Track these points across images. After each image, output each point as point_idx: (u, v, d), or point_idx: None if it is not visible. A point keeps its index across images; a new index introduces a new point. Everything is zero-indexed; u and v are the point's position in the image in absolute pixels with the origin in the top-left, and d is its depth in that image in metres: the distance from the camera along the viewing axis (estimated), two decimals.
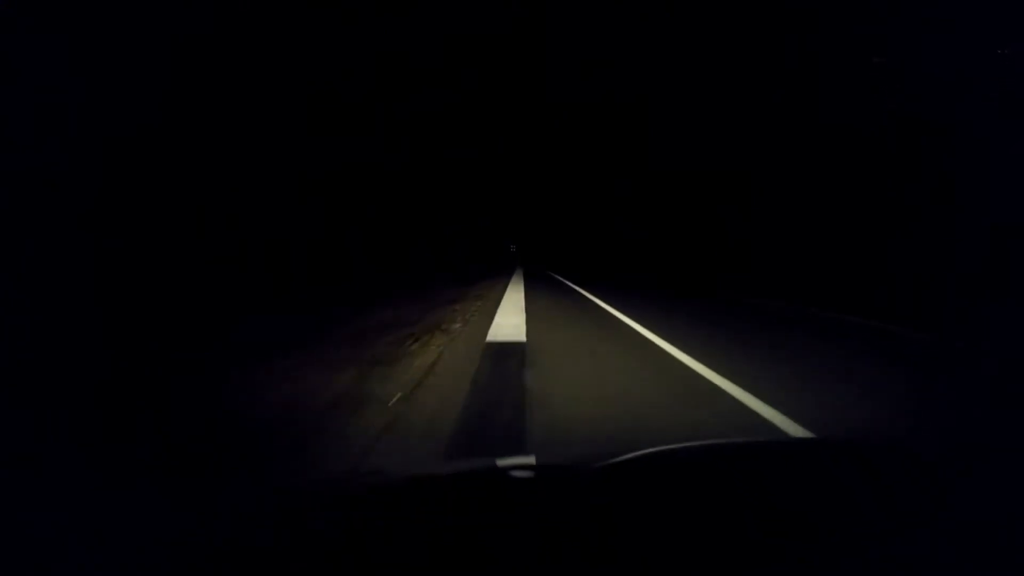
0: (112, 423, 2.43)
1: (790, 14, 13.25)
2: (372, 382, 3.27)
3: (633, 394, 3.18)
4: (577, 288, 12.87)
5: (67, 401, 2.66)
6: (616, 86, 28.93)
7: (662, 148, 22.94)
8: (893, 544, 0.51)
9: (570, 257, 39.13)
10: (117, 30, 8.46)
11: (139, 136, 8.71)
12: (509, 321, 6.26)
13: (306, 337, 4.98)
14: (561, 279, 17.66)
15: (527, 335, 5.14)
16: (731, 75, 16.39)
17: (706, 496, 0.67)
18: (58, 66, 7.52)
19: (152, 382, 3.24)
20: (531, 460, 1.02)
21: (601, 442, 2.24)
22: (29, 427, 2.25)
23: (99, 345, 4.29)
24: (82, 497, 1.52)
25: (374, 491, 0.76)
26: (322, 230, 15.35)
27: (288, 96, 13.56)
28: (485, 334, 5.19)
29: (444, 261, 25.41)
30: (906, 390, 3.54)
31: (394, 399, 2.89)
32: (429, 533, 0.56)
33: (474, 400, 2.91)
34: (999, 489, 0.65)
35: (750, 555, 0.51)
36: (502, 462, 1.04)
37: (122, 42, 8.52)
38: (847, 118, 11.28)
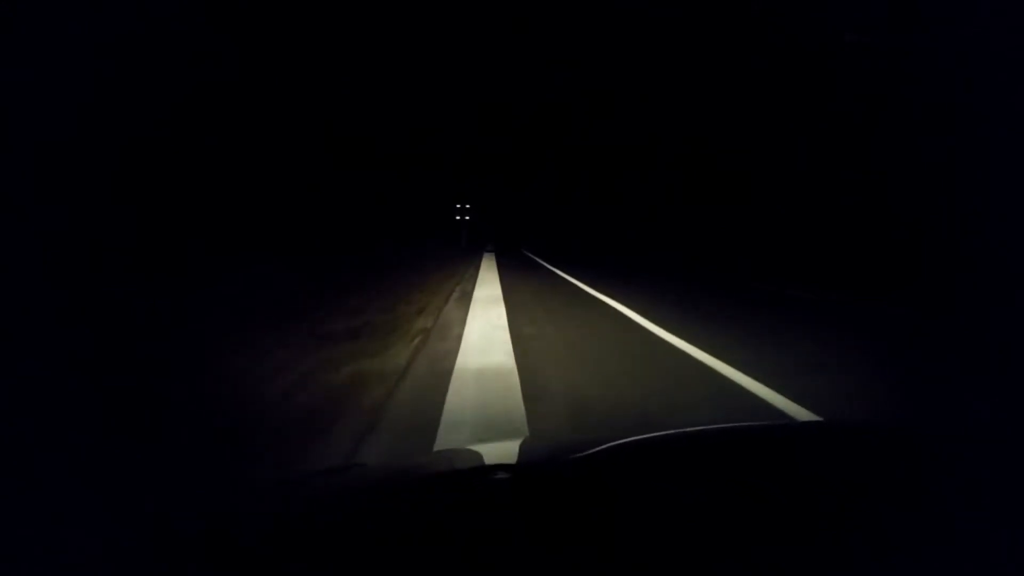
0: None
1: (790, 13, 13.29)
2: None
3: None
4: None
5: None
6: (616, 85, 29.02)
7: (662, 147, 22.98)
8: (896, 539, 0.50)
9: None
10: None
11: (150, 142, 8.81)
12: None
13: None
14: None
15: None
16: (731, 74, 16.43)
17: (702, 486, 0.65)
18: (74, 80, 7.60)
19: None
20: (517, 447, 1.00)
21: None
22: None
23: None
24: (79, 493, 1.53)
25: (361, 485, 0.76)
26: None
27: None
28: None
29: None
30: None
31: None
32: (419, 530, 0.55)
33: None
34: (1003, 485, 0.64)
35: (748, 550, 0.49)
36: (490, 449, 1.02)
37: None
38: (846, 108, 11.36)
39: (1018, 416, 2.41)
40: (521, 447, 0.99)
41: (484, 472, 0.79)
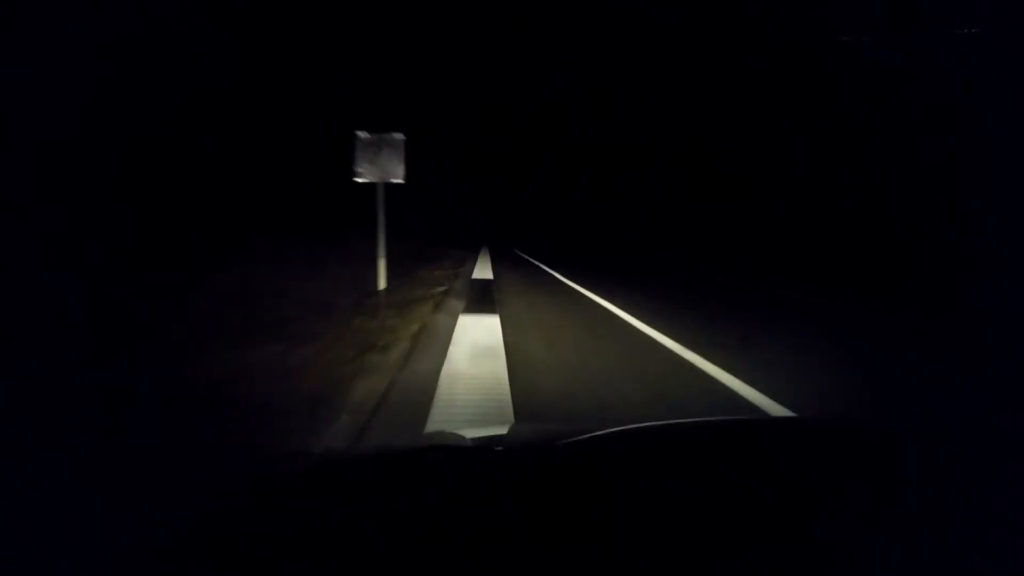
0: None
1: (790, 13, 13.31)
2: None
3: None
4: None
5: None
6: (616, 85, 29.06)
7: (662, 147, 22.97)
8: (886, 533, 0.50)
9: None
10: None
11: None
12: None
13: None
14: None
15: None
16: (731, 74, 16.43)
17: (695, 482, 0.65)
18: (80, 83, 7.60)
19: None
20: (504, 431, 0.98)
21: None
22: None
23: None
24: (79, 493, 1.53)
25: (354, 473, 0.75)
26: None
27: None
28: None
29: None
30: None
31: None
32: (418, 525, 0.55)
33: None
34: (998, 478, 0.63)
35: (739, 545, 0.49)
36: (477, 435, 1.00)
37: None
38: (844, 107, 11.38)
39: (1018, 416, 2.41)
40: (508, 433, 0.98)
41: (479, 465, 0.78)
